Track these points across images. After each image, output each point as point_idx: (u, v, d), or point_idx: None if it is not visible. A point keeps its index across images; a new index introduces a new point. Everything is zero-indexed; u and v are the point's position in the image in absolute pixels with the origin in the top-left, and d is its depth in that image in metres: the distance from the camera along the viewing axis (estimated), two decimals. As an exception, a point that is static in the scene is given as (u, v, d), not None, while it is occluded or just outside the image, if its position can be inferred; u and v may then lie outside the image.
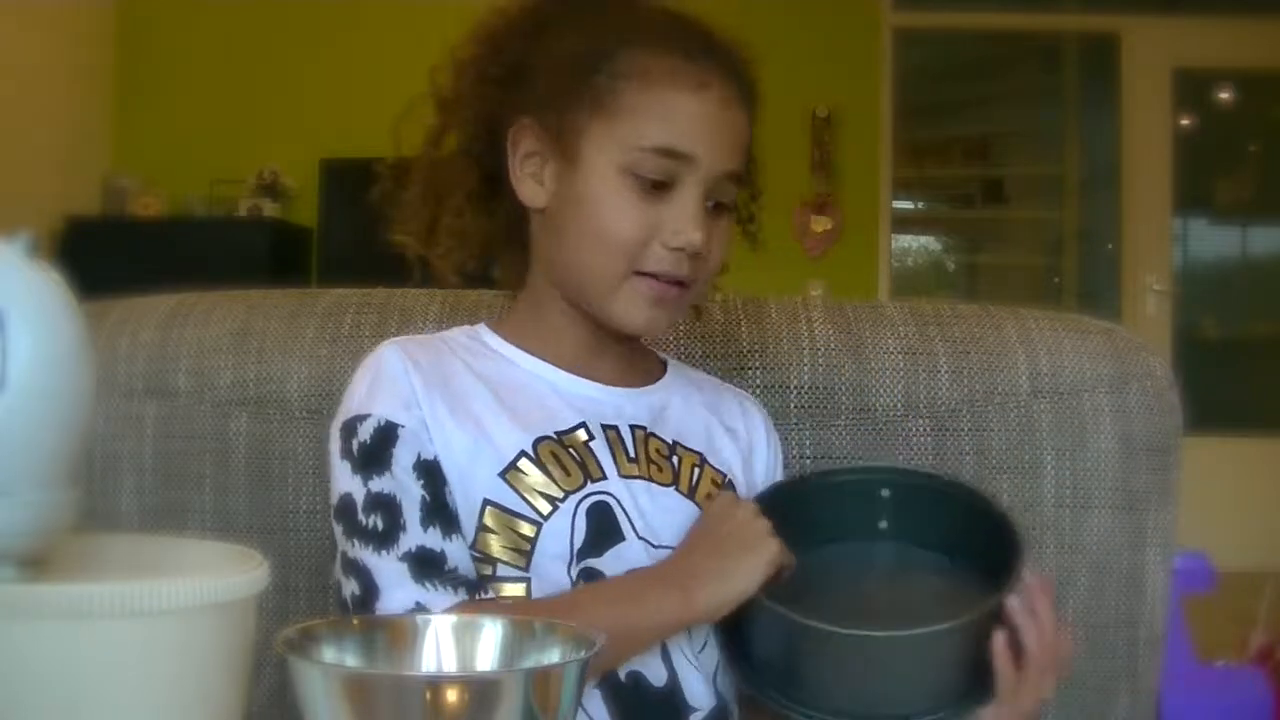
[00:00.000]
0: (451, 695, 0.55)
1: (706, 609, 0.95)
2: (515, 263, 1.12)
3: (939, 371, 1.28)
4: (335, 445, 1.01)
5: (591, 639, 0.60)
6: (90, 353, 0.63)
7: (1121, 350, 1.33)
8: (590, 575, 0.98)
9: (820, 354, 1.28)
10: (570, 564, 0.98)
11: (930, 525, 1.06)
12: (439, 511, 0.98)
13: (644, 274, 1.00)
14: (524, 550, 0.98)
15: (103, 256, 4.01)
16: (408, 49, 5.43)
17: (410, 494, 0.97)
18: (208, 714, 0.60)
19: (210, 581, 0.59)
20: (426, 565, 0.95)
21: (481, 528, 0.98)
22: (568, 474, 1.00)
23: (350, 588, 0.97)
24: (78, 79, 4.91)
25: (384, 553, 0.96)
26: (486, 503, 0.99)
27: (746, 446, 1.13)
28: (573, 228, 1.02)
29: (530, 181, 1.04)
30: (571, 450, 1.01)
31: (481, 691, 0.56)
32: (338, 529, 0.99)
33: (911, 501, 1.08)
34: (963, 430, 1.29)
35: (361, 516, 0.97)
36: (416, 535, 0.96)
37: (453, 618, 0.65)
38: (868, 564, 1.08)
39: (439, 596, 0.94)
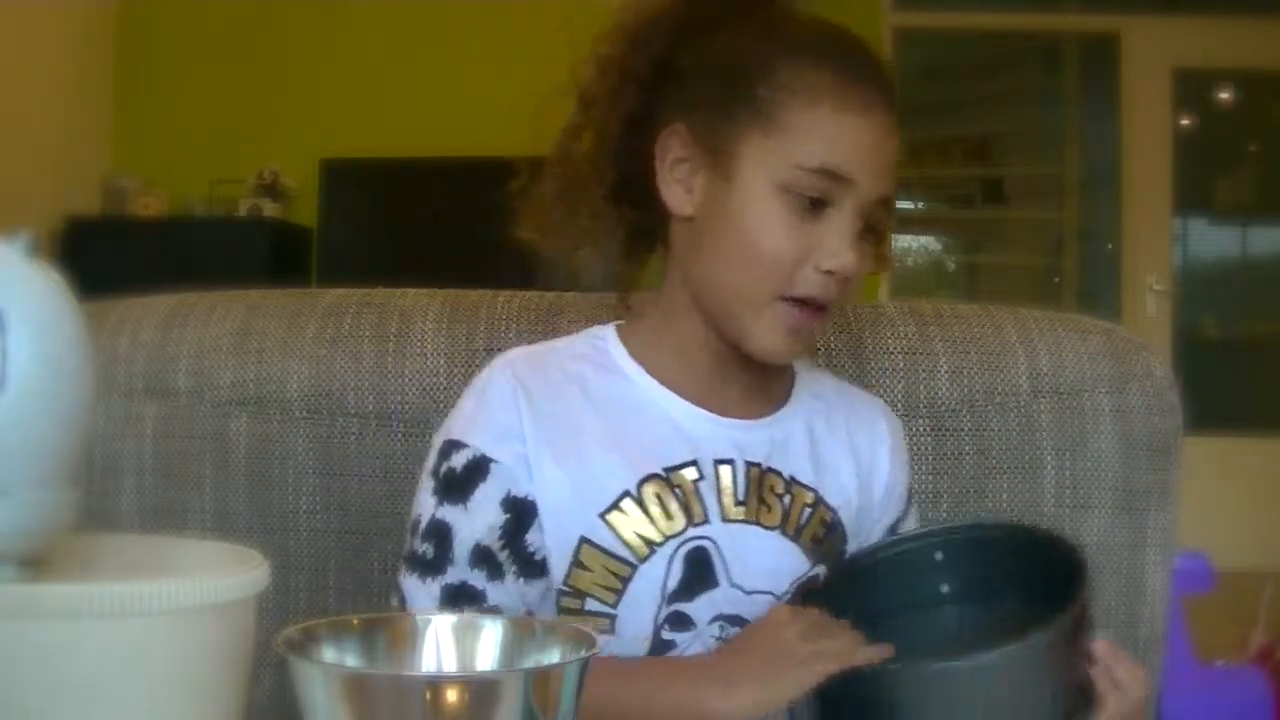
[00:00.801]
0: (451, 695, 0.55)
1: (728, 712, 0.90)
2: (637, 266, 1.09)
3: (939, 371, 1.29)
4: (430, 458, 1.01)
5: (592, 639, 0.60)
6: (90, 353, 0.63)
7: (1121, 350, 1.33)
8: (678, 618, 0.97)
9: (820, 354, 1.28)
10: (660, 606, 0.97)
11: (988, 574, 1.01)
12: (494, 559, 0.97)
13: (789, 299, 0.97)
14: (615, 589, 0.97)
15: (103, 256, 4.01)
16: (408, 49, 5.45)
17: (474, 534, 0.97)
18: (208, 714, 0.60)
19: (210, 581, 0.59)
20: (461, 603, 0.95)
21: (576, 563, 0.98)
22: (669, 517, 0.98)
23: (394, 601, 0.99)
24: (78, 79, 4.91)
25: (426, 580, 0.96)
26: (583, 540, 0.97)
27: (868, 465, 1.09)
28: (722, 243, 0.98)
29: (678, 188, 1.00)
30: (678, 490, 0.99)
31: (481, 691, 0.56)
32: (406, 544, 1.01)
33: (964, 557, 1.03)
34: (963, 430, 1.29)
35: (419, 540, 0.98)
36: (462, 571, 0.96)
37: (453, 618, 0.65)
38: (934, 630, 1.02)
39: None
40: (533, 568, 0.98)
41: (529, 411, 0.99)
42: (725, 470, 1.00)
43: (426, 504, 0.99)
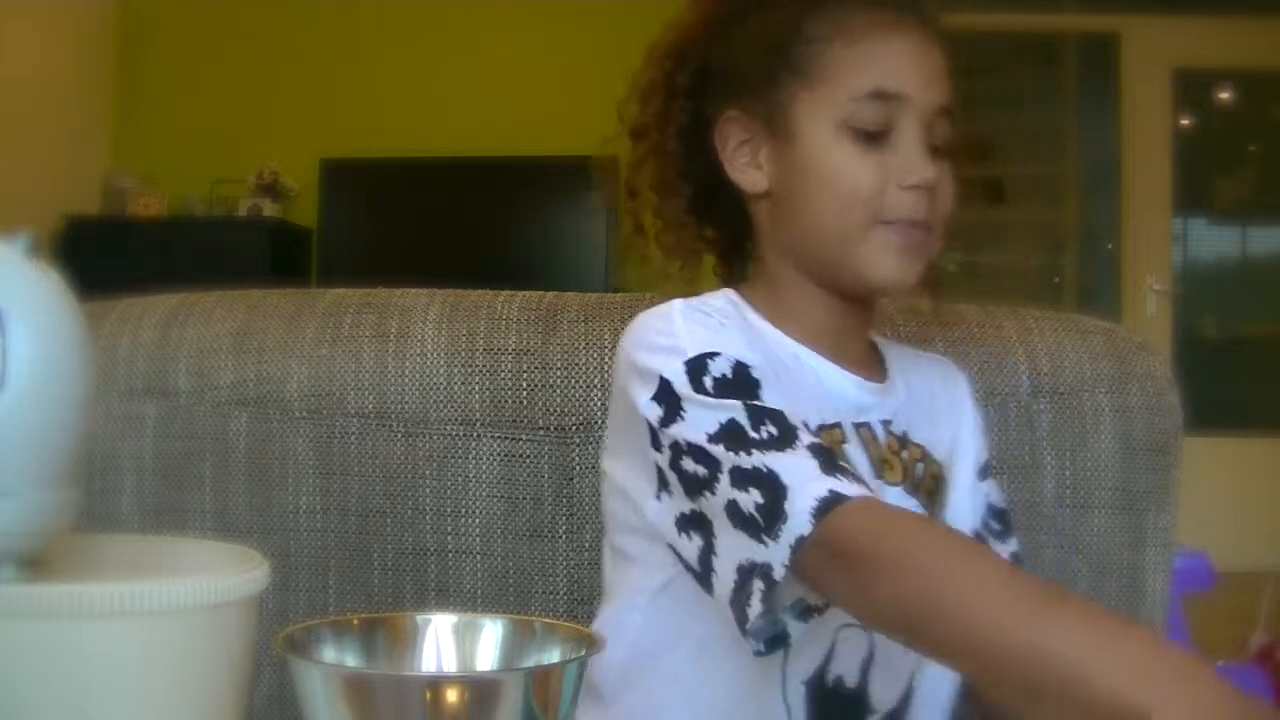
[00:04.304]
0: (451, 695, 0.55)
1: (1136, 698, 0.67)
2: (740, 262, 1.10)
3: (939, 371, 1.28)
4: (684, 384, 0.93)
5: (591, 638, 0.60)
6: (90, 353, 0.63)
7: (1121, 350, 1.33)
8: None
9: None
10: None
11: None
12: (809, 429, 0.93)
13: (885, 224, 0.98)
14: None
15: (103, 256, 4.02)
16: (407, 49, 5.45)
17: (788, 411, 0.92)
18: (208, 714, 0.60)
19: (210, 581, 0.59)
20: (830, 455, 0.89)
21: None
22: None
23: (750, 502, 0.87)
24: (78, 79, 4.91)
25: (788, 450, 0.88)
26: None
27: (957, 423, 1.11)
28: (805, 198, 1.01)
29: (749, 169, 1.04)
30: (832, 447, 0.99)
31: (481, 691, 0.56)
32: (720, 457, 0.90)
33: None
34: (963, 430, 1.29)
35: (751, 431, 0.90)
36: (809, 436, 0.91)
37: (453, 618, 0.65)
38: None
39: (852, 486, 0.85)
40: None
41: (743, 338, 0.98)
42: (865, 430, 1.02)
43: (728, 409, 0.91)
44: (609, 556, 1.07)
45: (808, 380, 1.01)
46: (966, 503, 1.09)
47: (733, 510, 0.89)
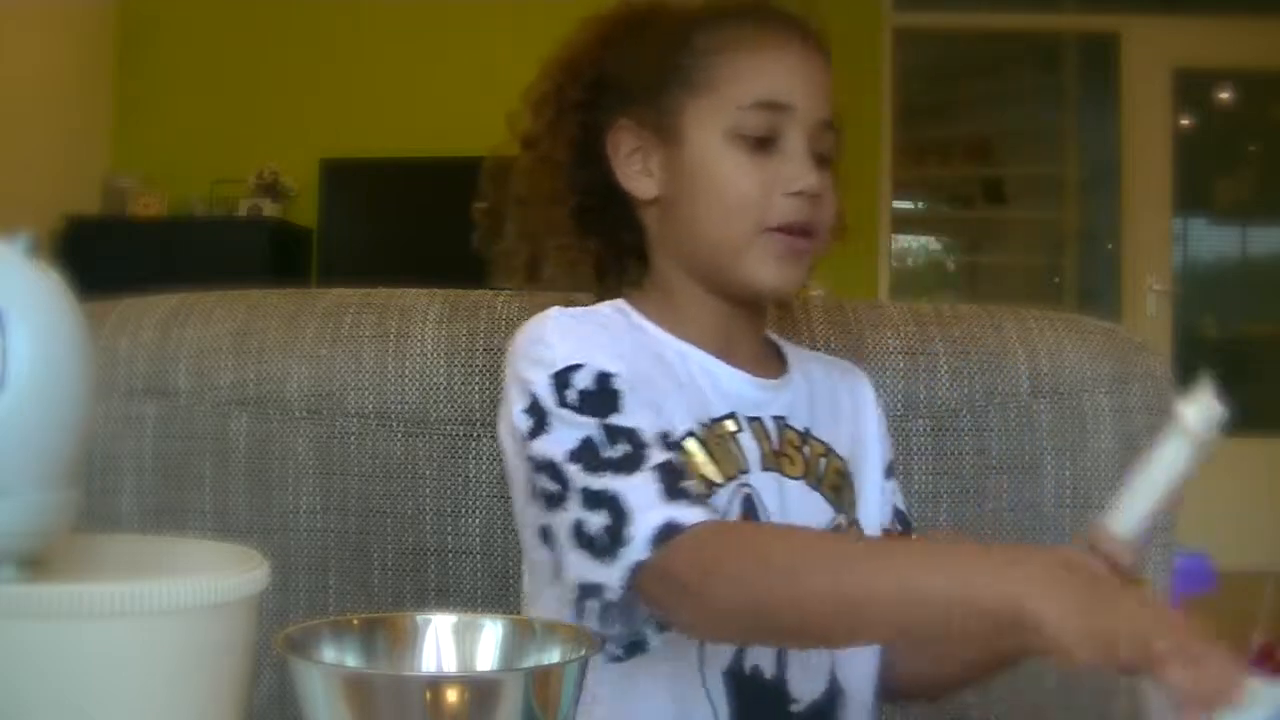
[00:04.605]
0: (451, 695, 0.55)
1: (1056, 627, 0.72)
2: (632, 268, 1.12)
3: (939, 371, 1.29)
4: (549, 398, 0.97)
5: (591, 639, 0.60)
6: (90, 353, 0.63)
7: (1121, 350, 1.33)
8: None
9: (821, 353, 1.28)
10: None
11: None
12: (673, 439, 0.96)
13: (769, 230, 1.02)
14: None
15: (103, 256, 4.01)
16: (407, 50, 5.46)
17: (647, 426, 0.95)
18: (208, 714, 0.60)
19: (210, 581, 0.59)
20: (675, 476, 0.92)
21: None
22: (725, 461, 1.01)
23: (595, 524, 0.92)
24: (78, 79, 4.91)
25: (636, 472, 0.92)
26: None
27: (860, 419, 1.14)
28: (692, 201, 1.04)
29: (640, 177, 1.07)
30: (721, 440, 1.02)
31: (481, 691, 0.56)
32: (572, 476, 0.94)
33: None
34: (963, 430, 1.29)
35: (604, 450, 0.93)
36: (659, 454, 0.93)
37: (453, 618, 0.65)
38: None
39: (691, 512, 0.90)
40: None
41: (614, 342, 1.01)
42: (757, 425, 1.05)
43: (585, 426, 0.95)
44: (525, 559, 1.09)
45: (697, 378, 1.04)
46: (875, 501, 1.12)
47: (578, 530, 0.94)
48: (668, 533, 0.88)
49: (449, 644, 0.64)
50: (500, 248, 1.12)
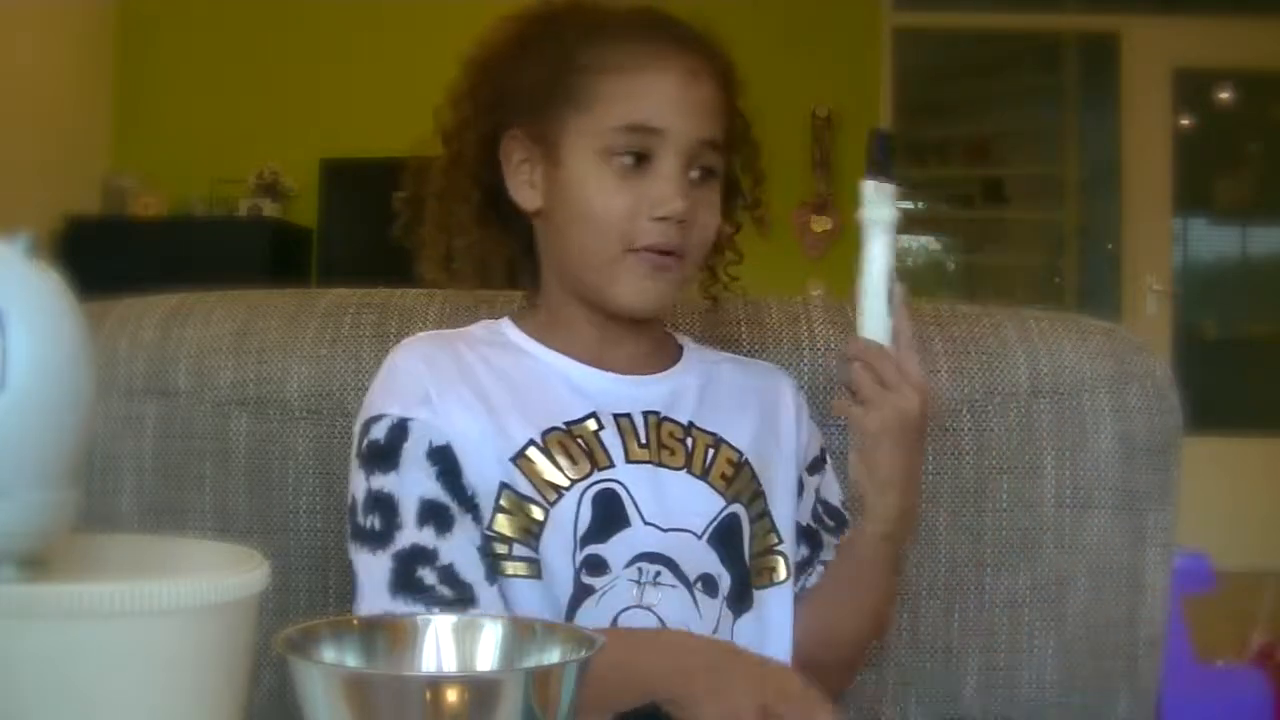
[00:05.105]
0: (451, 695, 0.55)
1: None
2: (532, 272, 1.16)
3: (939, 371, 1.28)
4: (355, 443, 1.06)
5: (592, 639, 0.60)
6: (90, 353, 0.63)
7: (1121, 350, 1.33)
8: (593, 562, 1.02)
9: (820, 354, 1.28)
10: (575, 550, 1.02)
11: None
12: (441, 509, 1.01)
13: (635, 251, 1.04)
14: (534, 533, 1.03)
15: (103, 256, 4.02)
16: (407, 50, 5.46)
17: (413, 491, 1.01)
18: (208, 714, 0.60)
19: (210, 581, 0.59)
20: (415, 565, 0.98)
21: (498, 508, 1.03)
22: (574, 463, 1.04)
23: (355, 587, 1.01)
24: (78, 79, 4.91)
25: (377, 553, 1.00)
26: (503, 485, 1.03)
27: (772, 417, 1.15)
28: (566, 220, 1.07)
29: (525, 187, 1.10)
30: (580, 440, 1.05)
31: (481, 691, 0.56)
32: (347, 529, 1.04)
33: None
34: (963, 430, 1.29)
35: (362, 515, 1.02)
36: (411, 534, 1.00)
37: (453, 617, 0.65)
38: None
39: (408, 608, 0.97)
40: (478, 509, 1.03)
41: (432, 376, 1.05)
42: (624, 420, 1.08)
43: (359, 484, 1.03)
44: None
45: (554, 385, 1.08)
46: (791, 498, 1.13)
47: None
48: None
49: (449, 644, 0.64)
50: (417, 239, 1.15)
